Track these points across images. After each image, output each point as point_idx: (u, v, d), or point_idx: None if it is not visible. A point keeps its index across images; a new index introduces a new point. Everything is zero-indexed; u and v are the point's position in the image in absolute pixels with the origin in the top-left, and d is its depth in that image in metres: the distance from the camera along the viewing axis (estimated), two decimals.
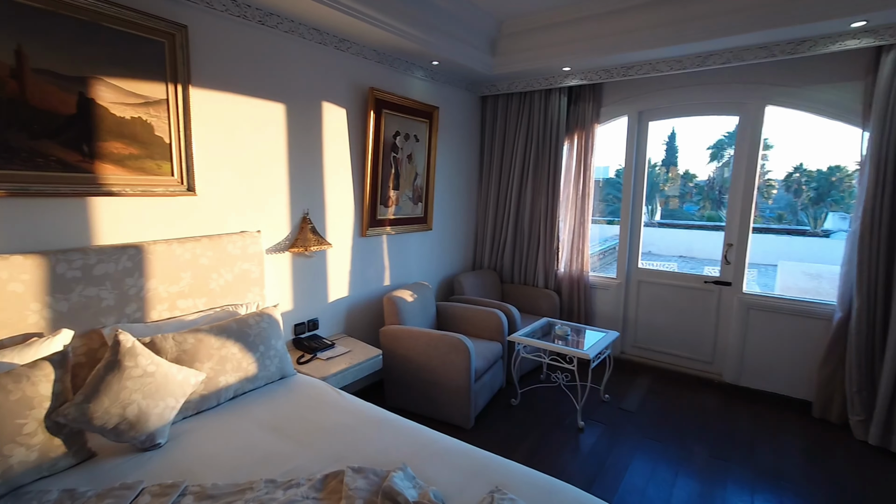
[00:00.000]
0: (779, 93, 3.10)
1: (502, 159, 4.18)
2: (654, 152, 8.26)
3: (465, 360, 2.75)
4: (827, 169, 11.58)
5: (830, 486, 2.39)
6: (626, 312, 3.94)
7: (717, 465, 2.55)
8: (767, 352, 3.31)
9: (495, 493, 1.36)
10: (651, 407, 3.21)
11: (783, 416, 3.10)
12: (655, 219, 9.82)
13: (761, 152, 3.33)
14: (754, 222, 3.40)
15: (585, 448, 2.70)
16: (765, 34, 2.68)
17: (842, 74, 2.87)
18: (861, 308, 2.77)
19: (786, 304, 3.25)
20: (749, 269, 3.50)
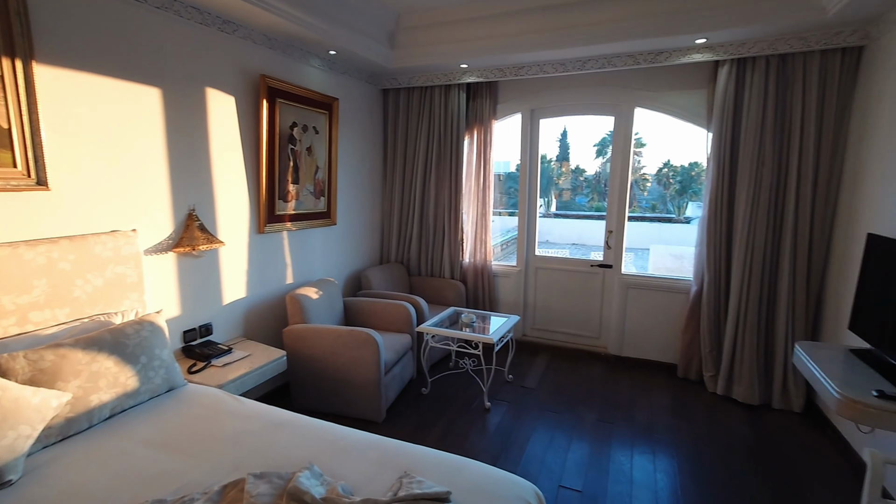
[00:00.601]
0: (644, 97, 3.53)
1: (406, 153, 4.21)
2: (549, 148, 8.87)
3: (374, 354, 2.75)
4: (688, 164, 13.49)
5: (690, 432, 2.83)
6: (526, 297, 4.23)
7: (603, 428, 2.88)
8: (643, 324, 3.79)
9: (404, 477, 1.40)
10: (549, 382, 3.50)
11: (655, 379, 3.58)
12: (552, 210, 10.58)
13: (636, 150, 3.75)
14: (632, 212, 3.85)
15: (492, 427, 2.87)
16: (631, 44, 3.04)
17: (691, 83, 3.35)
18: (710, 281, 3.29)
19: (656, 281, 3.74)
20: (627, 252, 3.95)
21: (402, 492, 1.30)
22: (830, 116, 2.84)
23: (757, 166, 3.04)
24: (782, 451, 2.65)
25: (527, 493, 1.44)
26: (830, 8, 2.40)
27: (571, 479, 2.37)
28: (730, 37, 2.86)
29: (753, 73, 2.99)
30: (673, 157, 15.24)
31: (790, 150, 2.96)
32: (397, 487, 1.35)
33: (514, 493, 1.40)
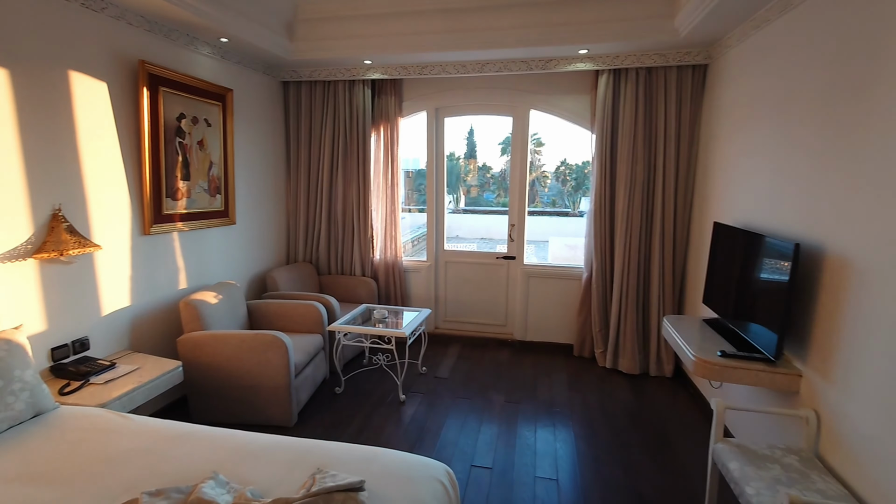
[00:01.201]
0: (538, 100, 3.83)
1: (310, 149, 4.08)
2: (457, 146, 9.09)
3: (282, 356, 2.66)
4: (581, 163, 14.82)
5: (584, 403, 3.16)
6: (437, 291, 4.36)
7: (510, 408, 3.09)
8: (543, 310, 4.11)
9: (317, 474, 1.40)
10: (460, 371, 3.66)
11: (555, 359, 3.92)
12: (460, 206, 10.90)
13: (536, 149, 4.03)
14: (534, 207, 4.15)
15: (407, 418, 2.93)
16: (523, 51, 3.28)
17: (577, 89, 3.71)
18: (598, 268, 3.68)
19: (554, 270, 4.08)
20: (528, 244, 4.25)
21: (316, 487, 1.30)
22: (686, 122, 3.34)
23: (632, 165, 3.47)
24: (656, 410, 3.07)
25: (438, 472, 1.53)
26: (682, 31, 2.82)
27: (482, 457, 2.52)
28: (607, 49, 3.21)
29: (626, 82, 3.40)
30: (569, 156, 16.49)
31: (657, 151, 3.42)
32: (310, 484, 1.35)
33: (426, 474, 1.48)
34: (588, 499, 2.21)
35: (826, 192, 1.88)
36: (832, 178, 1.85)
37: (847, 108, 1.77)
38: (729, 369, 2.10)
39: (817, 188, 1.95)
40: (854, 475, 1.65)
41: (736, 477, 1.73)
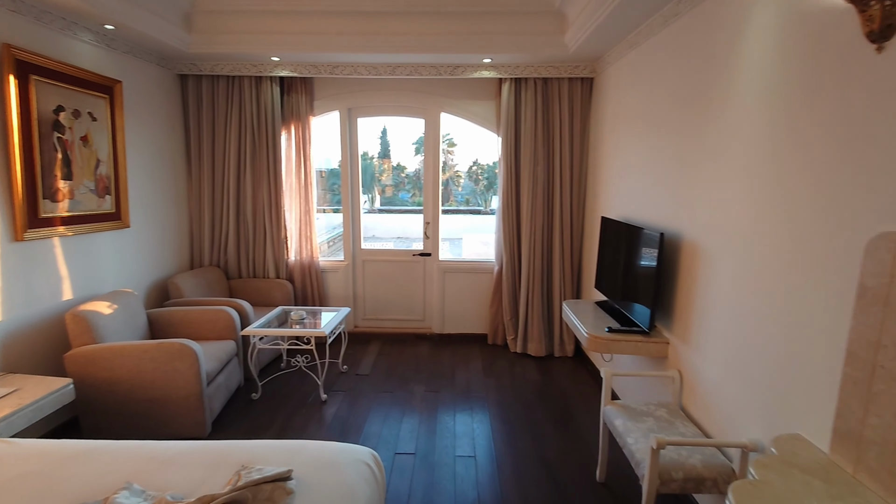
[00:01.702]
0: (448, 103, 4.02)
1: (214, 146, 3.88)
2: (370, 146, 9.04)
3: (192, 365, 2.54)
4: (492, 163, 15.59)
5: (498, 386, 3.42)
6: (356, 290, 4.38)
7: (430, 397, 3.24)
8: (459, 303, 4.33)
9: (241, 470, 1.41)
10: (381, 367, 3.74)
11: (471, 349, 4.16)
12: (376, 206, 10.88)
13: (449, 149, 4.22)
14: (448, 205, 4.35)
15: (329, 417, 2.95)
16: (432, 57, 3.44)
17: (483, 94, 3.97)
18: (507, 261, 3.98)
19: (468, 265, 4.32)
20: (443, 241, 4.44)
21: (242, 482, 1.32)
22: (578, 128, 3.75)
23: (534, 166, 3.80)
24: (560, 386, 3.43)
25: (364, 456, 1.62)
26: (571, 47, 3.18)
27: (405, 445, 2.64)
28: (508, 59, 3.49)
29: (527, 90, 3.72)
30: (480, 157, 17.14)
31: (555, 154, 3.79)
32: (236, 480, 1.36)
33: (352, 459, 1.56)
34: (502, 468, 2.44)
35: (680, 190, 2.29)
36: (682, 178, 2.25)
37: (689, 119, 2.18)
38: (614, 342, 2.45)
39: (674, 186, 2.35)
40: (704, 418, 2.04)
41: (620, 431, 2.04)
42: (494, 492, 2.26)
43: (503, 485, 2.31)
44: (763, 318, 1.68)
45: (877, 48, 1.23)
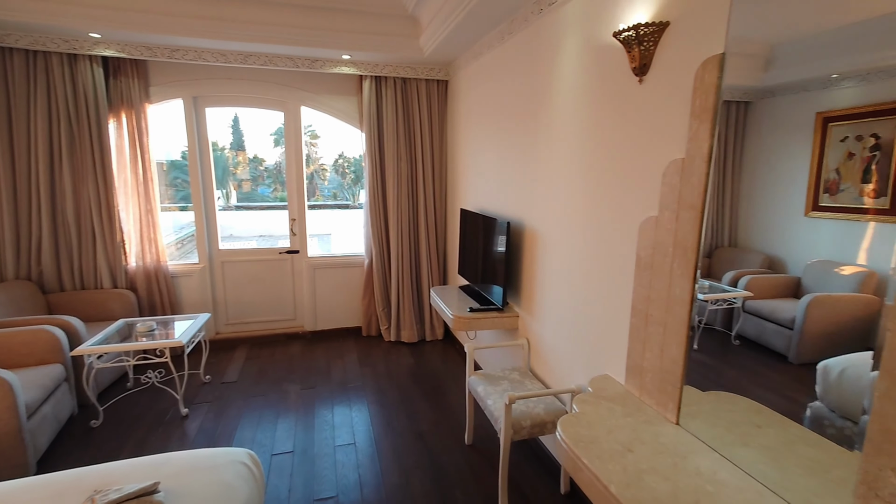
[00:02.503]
0: (308, 97, 3.95)
1: (14, 135, 3.20)
2: (221, 136, 8.25)
3: (4, 398, 2.13)
4: (358, 156, 15.40)
5: (374, 375, 3.54)
6: (215, 294, 4.05)
7: (307, 395, 3.22)
8: (331, 298, 4.32)
9: (95, 495, 1.30)
10: (251, 371, 3.56)
11: (346, 342, 4.20)
12: (232, 202, 9.98)
13: (312, 141, 4.12)
14: (315, 201, 4.26)
15: (193, 431, 2.74)
16: (288, 49, 3.35)
17: (346, 90, 3.99)
18: (377, 254, 4.10)
19: (338, 260, 4.33)
20: (312, 238, 4.36)
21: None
22: (437, 127, 4.03)
23: (397, 162, 3.97)
24: (432, 367, 3.70)
25: (240, 456, 1.60)
26: (426, 50, 3.41)
27: (282, 445, 2.61)
28: (367, 58, 3.58)
29: (387, 88, 3.86)
30: (346, 150, 16.76)
31: (416, 150, 4.01)
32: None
33: (227, 460, 1.54)
34: (381, 448, 2.58)
35: (523, 186, 2.68)
36: (524, 175, 2.64)
37: (526, 126, 2.56)
38: (475, 320, 2.77)
39: (518, 182, 2.74)
40: (547, 374, 2.46)
41: (482, 396, 2.34)
42: (374, 470, 2.40)
43: (383, 462, 2.46)
44: (581, 287, 2.11)
45: (639, 80, 1.65)
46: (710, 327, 1.49)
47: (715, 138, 1.35)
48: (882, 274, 1.04)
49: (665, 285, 1.55)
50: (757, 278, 1.37)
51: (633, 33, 1.56)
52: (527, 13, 2.42)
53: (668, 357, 1.55)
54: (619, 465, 1.32)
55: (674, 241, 1.50)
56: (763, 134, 1.29)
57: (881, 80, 1.02)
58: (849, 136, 1.10)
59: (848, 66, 1.09)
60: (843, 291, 1.14)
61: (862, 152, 1.07)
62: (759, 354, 1.38)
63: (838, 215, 1.14)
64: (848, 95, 1.10)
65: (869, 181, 1.06)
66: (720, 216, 1.41)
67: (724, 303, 1.46)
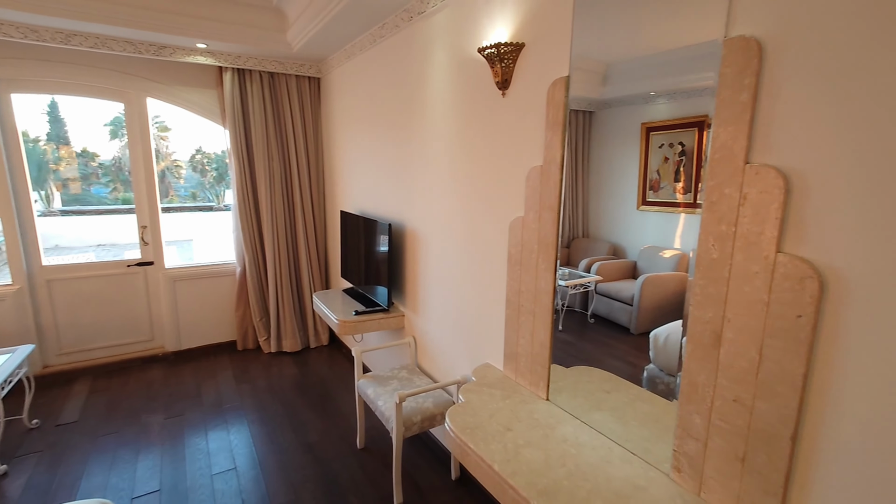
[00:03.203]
0: (156, 87, 3.47)
1: None
2: (33, 125, 6.82)
3: None
4: (221, 152, 13.85)
5: (253, 391, 3.30)
6: (40, 320, 3.35)
7: (173, 423, 2.87)
8: (198, 313, 3.89)
9: None
10: (97, 406, 3.04)
11: (218, 359, 3.82)
12: (55, 206, 8.31)
13: (161, 134, 3.62)
14: (169, 202, 3.76)
15: (15, 491, 2.25)
16: (127, 31, 2.90)
17: (202, 82, 3.60)
18: (250, 260, 3.80)
19: (203, 269, 3.90)
20: (169, 246, 3.86)
21: None
22: (311, 126, 3.87)
23: (268, 162, 3.73)
24: (319, 374, 3.58)
25: None
26: (294, 46, 3.25)
27: (145, 484, 2.29)
28: (227, 48, 3.28)
29: (253, 83, 3.58)
30: (205, 144, 14.79)
31: (290, 150, 3.81)
32: None
33: None
34: (266, 468, 2.43)
35: (402, 188, 2.73)
36: (403, 178, 2.70)
37: (402, 129, 2.62)
38: (361, 323, 2.75)
39: (397, 185, 2.78)
40: (434, 369, 2.56)
41: (372, 398, 2.35)
42: (260, 493, 2.25)
43: (269, 483, 2.32)
44: (461, 284, 2.24)
45: (502, 93, 1.82)
46: (572, 309, 1.72)
47: (566, 148, 1.56)
48: (691, 256, 1.32)
49: (532, 278, 1.74)
50: (605, 264, 1.62)
51: (494, 51, 1.70)
52: (397, 20, 2.47)
53: (538, 341, 1.75)
54: (500, 444, 1.45)
55: (538, 239, 1.70)
56: (604, 140, 1.53)
57: (683, 99, 1.28)
58: (664, 143, 1.36)
59: (660, 86, 1.34)
60: (666, 271, 1.40)
61: (673, 157, 1.33)
62: (609, 329, 1.64)
63: (660, 208, 1.39)
64: (662, 110, 1.36)
65: (679, 180, 1.32)
66: (575, 211, 1.63)
67: (581, 287, 1.69)
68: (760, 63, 1.02)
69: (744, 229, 1.06)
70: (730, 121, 1.07)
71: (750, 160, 1.05)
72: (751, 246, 1.05)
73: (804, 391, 1.00)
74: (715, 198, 1.11)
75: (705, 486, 1.19)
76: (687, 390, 1.22)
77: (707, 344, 1.16)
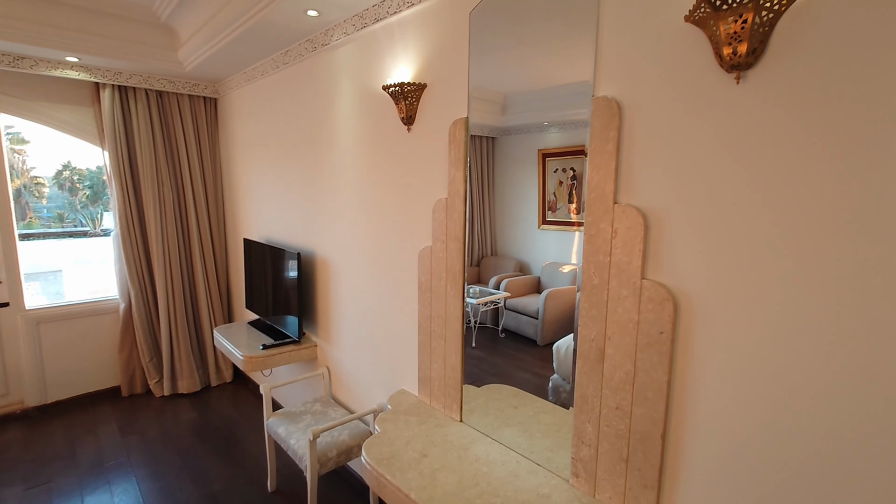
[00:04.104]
0: (10, 102, 3.01)
1: None
2: None
3: None
4: (96, 168, 12.09)
5: (142, 442, 2.94)
6: None
7: (36, 494, 2.45)
8: (69, 358, 3.38)
9: None
10: None
11: (99, 409, 3.35)
12: None
13: (16, 147, 3.15)
14: (27, 227, 3.26)
15: None
16: None
17: (74, 99, 3.21)
18: (137, 294, 3.42)
19: (77, 308, 3.41)
20: (30, 281, 3.33)
21: None
22: (207, 148, 3.63)
23: (158, 185, 3.41)
24: (222, 416, 3.30)
25: None
26: (187, 65, 3.05)
27: None
28: (106, 64, 2.98)
29: (137, 101, 3.28)
30: (75, 159, 12.87)
31: (183, 173, 3.53)
32: None
33: None
34: None
35: (311, 215, 2.68)
36: (312, 205, 2.66)
37: (311, 156, 2.59)
38: (270, 357, 2.62)
39: (306, 212, 2.73)
40: (350, 400, 2.52)
41: (283, 437, 2.24)
42: None
43: None
44: (374, 311, 2.26)
45: (408, 129, 1.90)
46: (484, 326, 1.82)
47: (468, 183, 1.68)
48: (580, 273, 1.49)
49: (442, 305, 1.82)
50: (512, 280, 1.75)
51: (398, 89, 1.79)
52: (300, 48, 2.46)
53: (450, 365, 1.82)
54: (417, 472, 1.49)
55: (446, 268, 1.78)
56: (507, 163, 1.67)
57: (571, 129, 1.45)
58: (558, 168, 1.52)
59: (550, 117, 1.51)
60: (566, 285, 1.55)
61: (566, 181, 1.50)
62: (519, 342, 1.76)
63: (558, 227, 1.55)
64: (555, 138, 1.52)
65: (572, 202, 1.48)
66: (484, 230, 1.75)
67: (492, 304, 1.80)
68: (621, 119, 1.21)
69: (616, 259, 1.23)
70: (600, 166, 1.25)
71: (618, 200, 1.24)
72: (622, 273, 1.22)
73: (669, 396, 1.18)
74: (593, 231, 1.28)
75: (599, 488, 1.34)
76: (580, 402, 1.37)
77: (593, 359, 1.31)
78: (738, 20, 0.95)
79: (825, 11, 0.90)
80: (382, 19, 1.92)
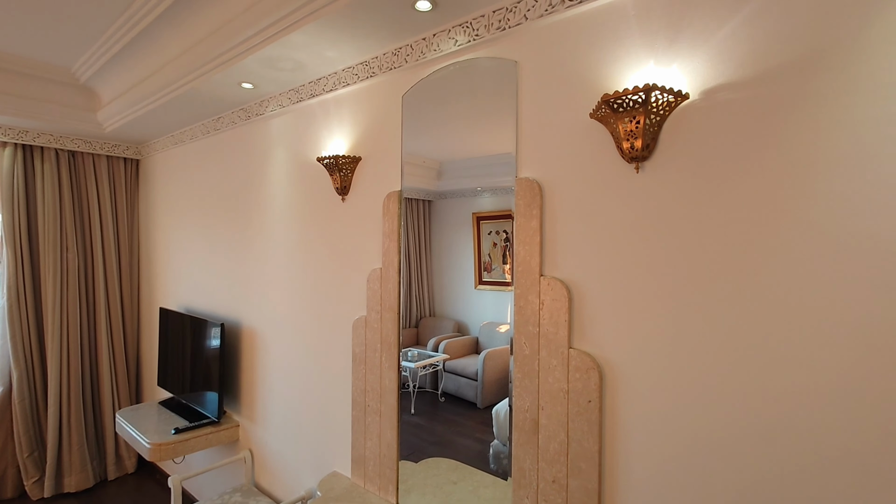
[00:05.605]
0: None
1: None
2: None
3: None
4: None
5: None
6: None
7: None
8: None
9: None
10: None
11: None
12: None
13: None
14: None
15: None
16: None
17: None
18: (21, 377, 2.96)
19: None
20: None
21: None
22: (123, 211, 3.39)
23: (62, 253, 3.09)
24: None
25: None
26: (107, 126, 2.91)
27: None
28: (9, 122, 2.76)
29: (44, 161, 3.03)
30: None
31: (93, 238, 3.24)
32: None
33: None
34: None
35: (237, 284, 2.55)
36: (238, 274, 2.53)
37: (240, 224, 2.51)
38: (183, 443, 2.34)
39: (231, 281, 2.59)
40: (275, 485, 2.29)
41: None
42: None
43: None
44: (304, 385, 2.13)
45: (342, 199, 1.92)
46: (423, 390, 1.77)
47: (403, 252, 1.70)
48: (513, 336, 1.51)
49: (377, 377, 1.76)
50: (451, 342, 1.74)
51: (333, 161, 1.82)
52: (234, 116, 2.45)
53: (385, 442, 1.73)
54: None
55: (381, 339, 1.75)
56: (443, 226, 1.70)
57: (502, 194, 1.52)
58: (492, 230, 1.58)
59: (482, 183, 1.59)
60: (503, 345, 1.56)
61: (500, 243, 1.56)
62: (458, 406, 1.72)
63: (494, 287, 1.59)
64: (487, 202, 1.60)
65: (506, 262, 1.53)
66: (421, 291, 1.74)
67: (431, 367, 1.77)
68: (542, 199, 1.32)
69: (545, 329, 1.29)
70: (526, 241, 1.34)
71: (544, 273, 1.32)
72: (551, 343, 1.27)
73: (601, 465, 1.20)
74: (522, 303, 1.34)
75: None
76: (517, 476, 1.35)
77: (528, 430, 1.32)
78: (632, 121, 1.10)
79: (697, 116, 1.07)
80: (318, 95, 1.99)
